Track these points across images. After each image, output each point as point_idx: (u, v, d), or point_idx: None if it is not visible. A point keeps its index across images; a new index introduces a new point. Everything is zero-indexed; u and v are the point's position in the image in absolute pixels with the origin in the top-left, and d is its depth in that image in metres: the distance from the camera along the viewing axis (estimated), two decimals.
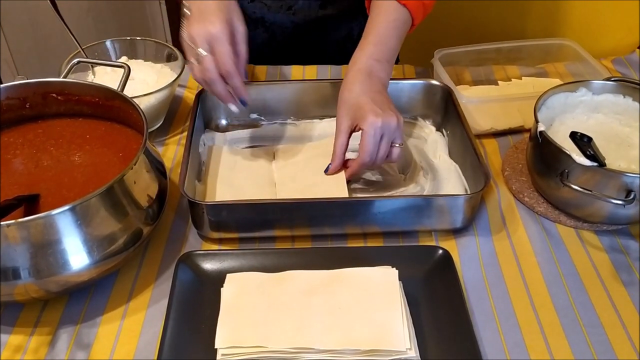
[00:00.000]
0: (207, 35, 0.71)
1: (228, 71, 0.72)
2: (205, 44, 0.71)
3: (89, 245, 0.61)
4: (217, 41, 0.71)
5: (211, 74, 0.72)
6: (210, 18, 0.71)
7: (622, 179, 0.69)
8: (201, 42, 0.71)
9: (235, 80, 0.74)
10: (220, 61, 0.72)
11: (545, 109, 0.81)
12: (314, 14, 1.03)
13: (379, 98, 0.75)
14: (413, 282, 0.66)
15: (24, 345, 0.63)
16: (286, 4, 1.01)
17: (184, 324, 0.63)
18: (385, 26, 0.79)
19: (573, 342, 0.63)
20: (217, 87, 0.74)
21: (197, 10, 0.72)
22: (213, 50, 0.71)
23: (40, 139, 0.74)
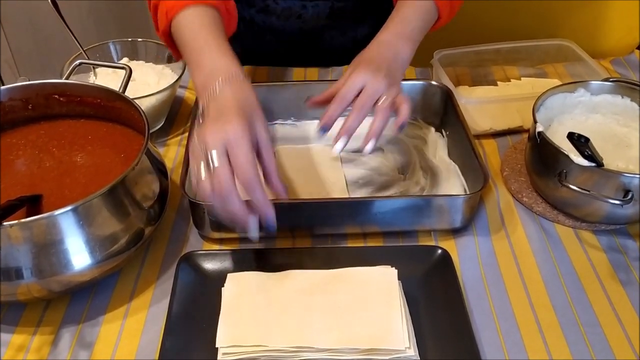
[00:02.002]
0: (224, 137, 0.57)
1: (249, 181, 0.57)
2: (221, 149, 0.57)
3: (91, 245, 0.62)
4: (237, 144, 0.57)
5: (226, 186, 0.56)
6: (228, 117, 0.59)
7: (620, 179, 0.69)
8: (216, 146, 0.57)
9: (258, 193, 0.58)
10: (240, 169, 0.57)
11: (543, 110, 0.81)
12: (322, 22, 1.03)
13: (385, 64, 0.71)
14: (412, 282, 0.67)
15: (27, 344, 0.63)
16: (295, 13, 1.01)
17: (185, 323, 0.63)
18: (409, 10, 0.78)
19: (571, 341, 0.64)
20: (235, 205, 0.57)
21: (214, 110, 0.61)
22: (230, 156, 0.58)
23: (42, 140, 0.75)
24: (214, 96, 0.62)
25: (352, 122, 0.69)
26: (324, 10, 1.02)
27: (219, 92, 0.62)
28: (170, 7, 0.71)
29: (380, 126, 0.69)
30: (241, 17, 1.03)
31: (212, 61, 0.66)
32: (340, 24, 1.05)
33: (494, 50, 1.02)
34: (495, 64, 1.05)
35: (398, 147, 0.87)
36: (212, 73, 0.65)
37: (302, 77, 1.04)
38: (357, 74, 0.70)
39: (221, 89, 0.62)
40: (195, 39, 0.69)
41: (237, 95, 0.62)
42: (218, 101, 0.62)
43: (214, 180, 0.57)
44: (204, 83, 0.65)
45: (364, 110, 0.69)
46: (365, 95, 0.69)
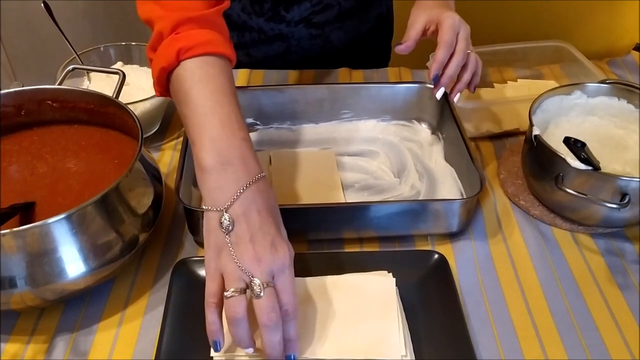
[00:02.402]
0: (273, 264, 0.53)
1: (290, 313, 0.54)
2: (267, 275, 0.53)
3: (85, 253, 0.61)
4: (284, 273, 0.54)
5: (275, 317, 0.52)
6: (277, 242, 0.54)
7: (616, 182, 0.69)
8: (263, 272, 0.53)
9: (292, 327, 0.54)
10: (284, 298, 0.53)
11: (540, 112, 0.81)
12: (330, 24, 1.04)
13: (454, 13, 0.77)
14: (409, 287, 0.67)
15: (21, 353, 0.63)
16: (305, 19, 1.02)
17: (180, 330, 0.63)
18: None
19: (569, 346, 0.64)
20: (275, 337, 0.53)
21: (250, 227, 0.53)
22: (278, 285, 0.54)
23: (35, 146, 0.74)
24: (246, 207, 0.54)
25: (456, 67, 0.77)
26: (333, 12, 1.02)
27: (250, 202, 0.54)
28: (185, 47, 0.58)
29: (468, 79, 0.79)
30: (249, 26, 1.03)
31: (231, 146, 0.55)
32: (346, 24, 1.06)
33: (491, 51, 1.02)
34: (492, 65, 1.04)
35: (394, 151, 0.87)
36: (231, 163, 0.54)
37: (298, 80, 1.04)
38: (452, 20, 0.75)
39: (252, 196, 0.54)
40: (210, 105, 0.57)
41: (269, 205, 0.55)
42: (252, 215, 0.54)
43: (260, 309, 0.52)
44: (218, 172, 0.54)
45: (464, 55, 0.76)
46: (463, 40, 0.76)
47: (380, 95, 0.90)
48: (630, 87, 0.81)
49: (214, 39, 0.59)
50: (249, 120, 0.90)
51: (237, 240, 0.53)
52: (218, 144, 0.55)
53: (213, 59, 0.59)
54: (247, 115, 0.90)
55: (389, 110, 0.91)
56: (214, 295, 0.54)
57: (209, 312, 0.54)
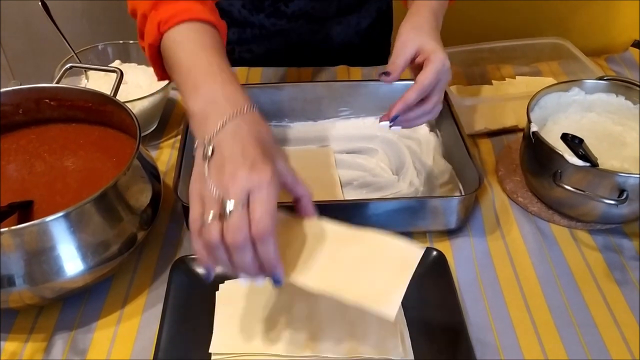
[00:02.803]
0: (248, 186, 0.51)
1: (261, 232, 0.50)
2: (244, 199, 0.51)
3: (84, 252, 0.62)
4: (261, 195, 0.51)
5: (241, 237, 0.50)
6: (256, 163, 0.51)
7: (614, 178, 0.69)
8: (239, 193, 0.50)
9: (269, 247, 0.51)
10: (258, 221, 0.50)
11: (538, 109, 0.81)
12: (330, 19, 1.04)
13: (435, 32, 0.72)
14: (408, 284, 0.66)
15: (19, 351, 0.63)
16: (304, 13, 1.02)
17: (179, 328, 0.63)
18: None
19: (567, 342, 0.64)
20: (247, 257, 0.51)
21: (231, 149, 0.52)
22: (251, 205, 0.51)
23: (33, 145, 0.74)
24: (230, 134, 0.53)
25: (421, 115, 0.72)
26: (332, 6, 1.02)
27: (233, 129, 0.54)
28: (164, 19, 0.60)
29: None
30: (249, 23, 1.03)
31: (213, 88, 0.56)
32: (346, 18, 1.06)
33: (489, 49, 1.02)
34: (490, 62, 1.04)
35: (392, 148, 0.87)
36: (215, 102, 0.56)
37: (296, 77, 1.04)
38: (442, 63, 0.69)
39: (236, 125, 0.54)
40: (192, 59, 0.59)
41: (256, 134, 0.54)
42: (235, 142, 0.53)
43: (227, 231, 0.50)
44: (204, 112, 0.55)
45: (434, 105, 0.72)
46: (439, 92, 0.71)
47: (379, 93, 0.90)
48: (628, 83, 0.81)
49: (192, 7, 0.61)
50: None
51: (215, 164, 0.53)
52: (201, 90, 0.57)
53: (193, 24, 0.60)
54: None
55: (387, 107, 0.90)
56: (195, 221, 0.52)
57: (193, 240, 0.53)
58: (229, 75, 0.58)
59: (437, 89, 0.70)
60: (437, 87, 0.70)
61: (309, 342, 0.60)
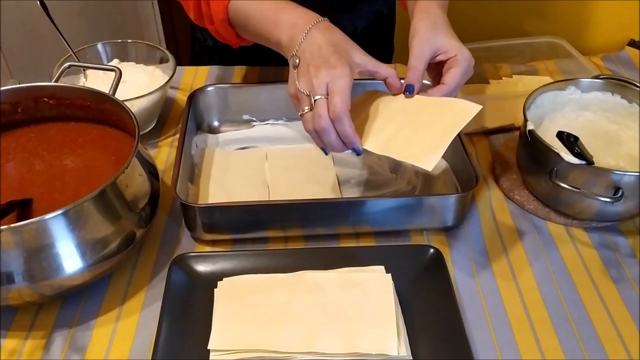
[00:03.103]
0: (327, 78, 0.63)
1: (338, 114, 0.63)
2: (324, 89, 0.64)
3: (82, 249, 0.62)
4: (335, 83, 0.63)
5: (324, 122, 0.63)
6: (331, 61, 0.64)
7: (610, 176, 0.69)
8: (319, 87, 0.63)
9: (344, 125, 0.64)
10: (333, 105, 0.63)
11: (534, 108, 0.81)
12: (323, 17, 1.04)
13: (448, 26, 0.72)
14: (405, 281, 0.67)
15: (19, 349, 0.63)
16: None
17: (177, 325, 0.63)
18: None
19: (563, 338, 0.64)
20: (331, 137, 0.65)
21: (309, 57, 0.65)
22: (329, 96, 0.63)
23: (32, 143, 0.74)
24: (308, 43, 0.66)
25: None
26: (324, 3, 1.02)
27: (312, 39, 0.66)
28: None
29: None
30: None
31: (291, 16, 0.69)
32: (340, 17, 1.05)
33: (486, 48, 1.02)
34: (487, 61, 1.05)
35: None
36: (296, 25, 0.68)
37: None
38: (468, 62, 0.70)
39: (312, 35, 0.66)
40: (259, 9, 0.72)
41: (330, 37, 0.66)
42: (312, 48, 0.66)
43: (314, 116, 0.64)
44: (291, 36, 0.68)
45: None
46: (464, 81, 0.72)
47: None
48: (624, 82, 0.82)
49: None
50: (245, 116, 0.91)
51: (301, 70, 0.66)
52: (280, 22, 0.70)
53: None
54: (243, 112, 0.90)
55: None
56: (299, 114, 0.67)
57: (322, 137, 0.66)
58: (293, 3, 0.72)
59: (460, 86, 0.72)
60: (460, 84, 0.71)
61: (307, 338, 0.60)
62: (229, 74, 1.03)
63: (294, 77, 0.67)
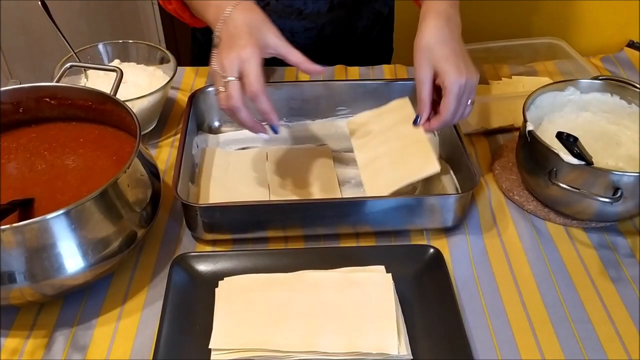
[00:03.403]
0: (237, 59, 0.67)
1: (254, 92, 0.67)
2: (235, 70, 0.67)
3: (84, 249, 0.62)
4: (246, 63, 0.67)
5: (234, 101, 0.67)
6: (241, 42, 0.67)
7: (609, 176, 0.69)
8: (230, 68, 0.67)
9: (262, 103, 0.67)
10: (247, 85, 0.67)
11: (534, 108, 0.82)
12: (322, 18, 1.03)
13: (459, 50, 0.72)
14: (405, 281, 0.67)
15: (20, 348, 0.63)
16: (296, 10, 1.01)
17: (178, 325, 0.63)
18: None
19: (562, 338, 0.64)
20: (242, 115, 0.68)
21: (227, 36, 0.69)
22: (242, 75, 0.67)
23: (34, 143, 0.75)
24: (226, 24, 0.69)
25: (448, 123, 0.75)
26: (325, 5, 1.02)
27: (230, 20, 0.69)
28: None
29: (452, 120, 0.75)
30: None
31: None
32: (340, 18, 1.05)
33: (485, 48, 1.03)
34: (487, 62, 1.05)
35: None
36: (220, 6, 0.71)
37: (294, 77, 1.05)
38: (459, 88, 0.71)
39: (232, 16, 0.70)
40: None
41: (247, 20, 0.69)
42: (229, 28, 0.69)
43: (227, 95, 0.67)
44: (215, 15, 0.71)
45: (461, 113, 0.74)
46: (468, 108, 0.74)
47: (376, 92, 0.90)
48: (623, 83, 0.82)
49: None
50: None
51: (218, 50, 0.69)
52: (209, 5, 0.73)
53: None
54: None
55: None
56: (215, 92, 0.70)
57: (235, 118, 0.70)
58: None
59: (462, 104, 0.73)
60: (462, 102, 0.73)
61: (308, 337, 0.60)
62: None
63: (212, 57, 0.70)
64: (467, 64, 0.72)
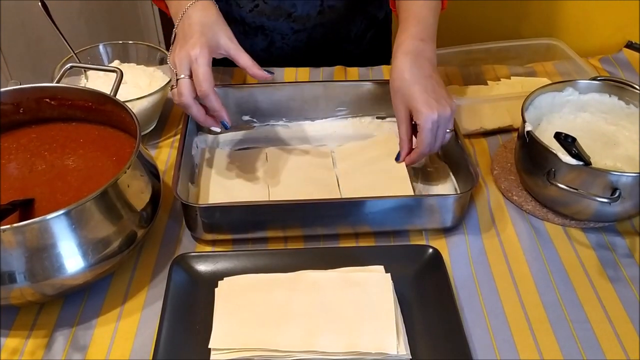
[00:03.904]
0: (187, 58, 0.71)
1: (203, 92, 0.71)
2: (185, 68, 0.71)
3: (84, 249, 0.62)
4: (195, 63, 0.71)
5: (184, 98, 0.71)
6: (191, 41, 0.71)
7: (607, 177, 0.70)
8: (181, 65, 0.71)
9: (211, 101, 0.72)
10: (197, 84, 0.71)
11: (532, 109, 0.82)
12: (312, 20, 1.03)
13: (430, 84, 0.74)
14: (404, 281, 0.68)
15: (21, 348, 0.63)
16: (285, 12, 1.01)
17: (178, 325, 0.64)
18: (420, 8, 0.79)
19: (561, 338, 0.65)
20: (192, 111, 0.73)
21: (181, 34, 0.73)
22: (192, 73, 0.71)
23: (34, 144, 0.75)
24: (182, 21, 0.73)
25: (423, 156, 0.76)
26: (314, 8, 1.02)
27: (186, 17, 0.73)
28: None
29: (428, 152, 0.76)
30: (232, 17, 1.03)
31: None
32: (331, 22, 1.05)
33: (484, 49, 1.03)
34: (486, 63, 1.05)
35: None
36: (180, 3, 0.74)
37: (293, 77, 1.05)
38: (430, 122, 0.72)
39: (188, 14, 0.73)
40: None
41: (201, 18, 0.73)
42: (184, 26, 0.73)
43: (178, 93, 0.71)
44: (175, 12, 0.75)
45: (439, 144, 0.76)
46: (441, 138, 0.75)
47: (376, 93, 0.91)
48: (621, 83, 0.83)
49: None
50: (245, 117, 0.91)
51: (173, 47, 0.74)
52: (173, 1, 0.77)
53: None
54: (243, 113, 0.91)
55: (384, 107, 0.91)
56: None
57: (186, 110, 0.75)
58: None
59: (438, 137, 0.74)
60: (438, 135, 0.74)
61: (307, 337, 0.60)
62: (228, 75, 1.04)
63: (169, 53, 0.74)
64: (438, 98, 0.73)
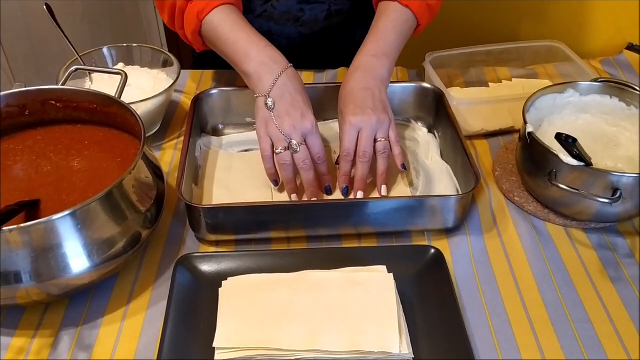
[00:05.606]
0: (303, 129, 0.75)
1: (322, 157, 0.77)
2: (302, 138, 0.76)
3: (89, 249, 0.63)
4: (313, 135, 0.76)
5: (307, 164, 0.76)
6: (305, 113, 0.76)
7: (608, 177, 0.70)
8: (297, 136, 0.75)
9: (325, 167, 0.78)
10: (314, 150, 0.77)
11: (534, 110, 0.82)
12: (320, 25, 1.04)
13: (362, 96, 0.78)
14: (406, 281, 0.68)
15: (27, 347, 0.64)
16: (293, 16, 1.02)
17: (182, 324, 0.64)
18: (384, 25, 0.84)
19: (562, 337, 0.65)
20: (310, 175, 0.77)
21: (285, 104, 0.76)
22: (308, 144, 0.76)
23: (39, 146, 0.76)
24: (280, 90, 0.76)
25: (362, 171, 0.78)
26: (322, 12, 1.02)
27: (284, 86, 0.77)
28: (201, 8, 0.80)
29: (384, 170, 0.79)
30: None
31: (262, 55, 0.78)
32: (338, 26, 1.06)
33: (486, 51, 1.03)
34: (487, 65, 1.06)
35: None
36: (265, 64, 0.77)
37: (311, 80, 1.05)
38: (349, 124, 0.77)
39: (284, 83, 0.77)
40: (234, 34, 0.79)
41: (298, 87, 0.78)
42: (286, 95, 0.76)
43: (298, 159, 0.76)
44: (258, 73, 0.77)
45: (367, 157, 0.77)
46: (363, 141, 0.77)
47: None
48: (622, 85, 0.83)
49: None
50: (249, 119, 0.92)
51: (278, 114, 0.76)
52: (251, 55, 0.78)
53: (223, 7, 0.81)
54: (246, 115, 0.91)
55: None
56: (266, 150, 0.77)
57: (265, 161, 0.78)
58: (265, 41, 0.80)
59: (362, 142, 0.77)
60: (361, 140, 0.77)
61: (310, 336, 0.61)
62: (232, 78, 1.04)
63: (266, 118, 0.76)
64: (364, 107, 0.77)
